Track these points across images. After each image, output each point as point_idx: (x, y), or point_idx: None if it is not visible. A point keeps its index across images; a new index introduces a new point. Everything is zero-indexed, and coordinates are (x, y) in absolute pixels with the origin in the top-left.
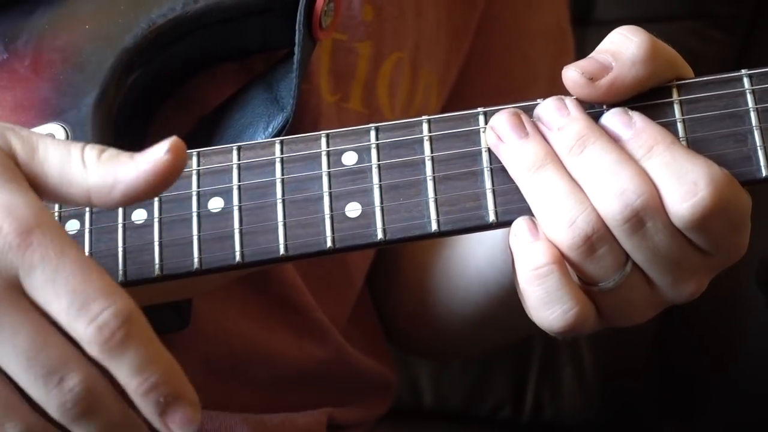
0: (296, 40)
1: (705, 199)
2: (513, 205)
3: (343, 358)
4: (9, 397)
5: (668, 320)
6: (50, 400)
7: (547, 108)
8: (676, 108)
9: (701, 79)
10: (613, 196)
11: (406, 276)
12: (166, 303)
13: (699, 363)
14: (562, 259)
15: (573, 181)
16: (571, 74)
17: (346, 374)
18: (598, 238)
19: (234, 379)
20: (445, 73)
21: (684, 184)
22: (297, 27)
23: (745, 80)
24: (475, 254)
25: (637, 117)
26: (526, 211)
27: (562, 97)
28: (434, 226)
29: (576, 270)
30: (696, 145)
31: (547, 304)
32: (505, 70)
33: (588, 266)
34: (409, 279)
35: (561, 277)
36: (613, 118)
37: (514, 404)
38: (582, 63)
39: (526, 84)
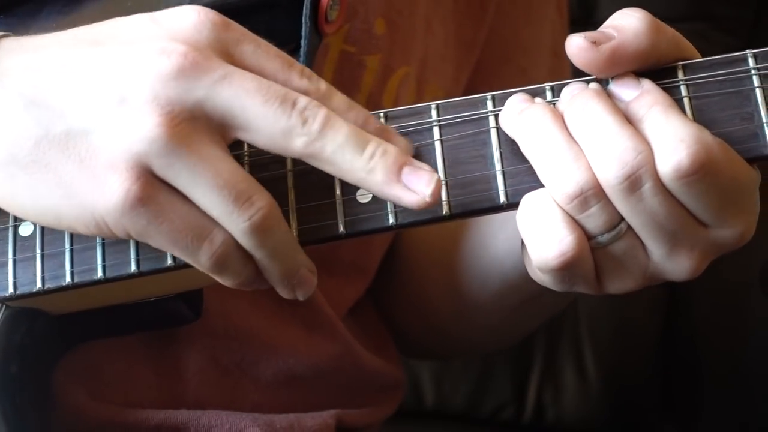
0: (303, 33)
1: (689, 156)
2: (523, 186)
3: (353, 355)
4: (201, 219)
5: (670, 321)
6: (238, 217)
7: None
8: (683, 88)
9: (706, 59)
10: (610, 156)
11: (407, 266)
12: (178, 294)
13: (701, 364)
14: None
15: (572, 139)
16: (575, 40)
17: (355, 372)
18: (593, 194)
19: (243, 377)
20: (453, 88)
21: (672, 142)
22: (303, 20)
23: (750, 60)
24: (495, 240)
25: (646, 81)
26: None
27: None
28: (445, 209)
29: None
30: (702, 123)
31: (542, 231)
32: (504, 82)
33: (582, 220)
34: (412, 268)
35: (557, 208)
36: (623, 79)
37: (516, 405)
38: (585, 32)
39: None
